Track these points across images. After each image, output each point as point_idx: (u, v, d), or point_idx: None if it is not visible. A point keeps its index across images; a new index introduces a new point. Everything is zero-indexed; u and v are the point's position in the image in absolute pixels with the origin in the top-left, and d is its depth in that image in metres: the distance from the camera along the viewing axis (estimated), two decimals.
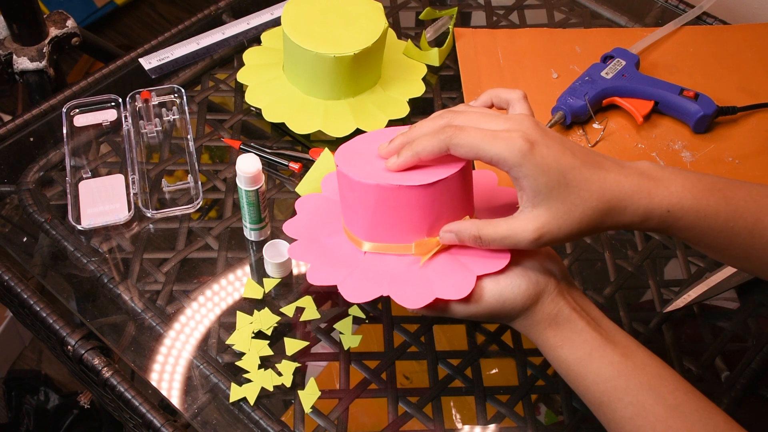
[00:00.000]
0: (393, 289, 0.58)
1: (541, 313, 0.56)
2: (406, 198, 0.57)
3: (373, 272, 0.59)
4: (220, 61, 0.91)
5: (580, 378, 0.56)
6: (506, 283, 0.56)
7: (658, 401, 0.53)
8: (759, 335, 0.72)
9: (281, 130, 0.83)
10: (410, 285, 0.58)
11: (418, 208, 0.57)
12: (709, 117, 0.84)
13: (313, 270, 0.60)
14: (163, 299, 0.71)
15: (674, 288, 0.74)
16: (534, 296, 0.56)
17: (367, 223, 0.59)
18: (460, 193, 0.58)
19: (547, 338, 0.57)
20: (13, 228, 0.75)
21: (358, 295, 0.58)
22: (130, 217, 0.75)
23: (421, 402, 0.66)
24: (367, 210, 0.58)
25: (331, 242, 0.63)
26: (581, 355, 0.55)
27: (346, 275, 0.59)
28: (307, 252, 0.62)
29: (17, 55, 1.04)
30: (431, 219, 0.58)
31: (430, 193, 0.56)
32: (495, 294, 0.56)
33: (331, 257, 0.61)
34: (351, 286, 0.58)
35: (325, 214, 0.66)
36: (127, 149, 0.80)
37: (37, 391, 1.41)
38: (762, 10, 1.12)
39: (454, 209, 0.58)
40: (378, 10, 0.82)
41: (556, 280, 0.57)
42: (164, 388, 0.65)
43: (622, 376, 0.54)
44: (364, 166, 0.59)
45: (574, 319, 0.56)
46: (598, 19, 0.99)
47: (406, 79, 0.87)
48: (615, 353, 0.55)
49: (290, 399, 0.65)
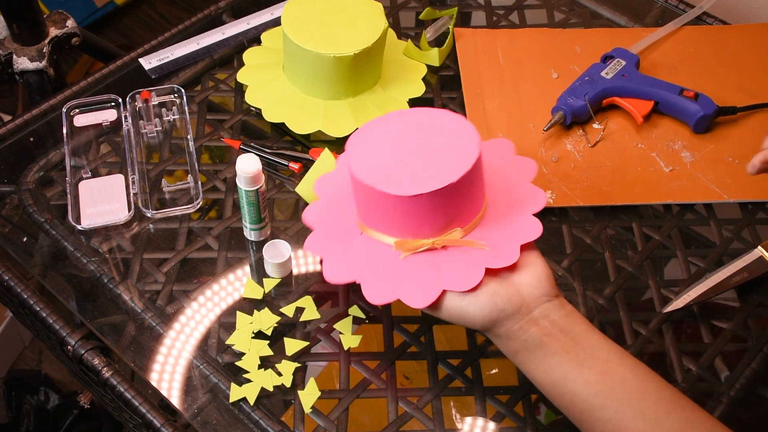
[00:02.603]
0: (365, 279, 0.61)
1: (507, 338, 0.58)
2: (402, 203, 0.58)
3: (388, 270, 0.62)
4: (220, 61, 0.91)
5: (559, 398, 0.57)
6: (470, 301, 0.58)
7: (637, 416, 0.53)
8: (759, 335, 0.72)
9: (281, 130, 0.83)
10: (418, 280, 0.60)
11: (421, 211, 0.59)
12: (709, 117, 0.84)
13: (312, 239, 0.65)
14: (163, 299, 0.71)
15: (674, 288, 0.74)
16: (494, 321, 0.58)
17: (365, 211, 0.62)
18: (456, 200, 0.60)
19: (521, 362, 0.58)
20: (13, 228, 0.75)
21: (337, 277, 0.62)
22: (130, 217, 0.75)
23: (421, 402, 0.66)
24: (364, 201, 0.61)
25: (341, 214, 0.66)
26: (556, 377, 0.56)
27: (336, 253, 0.63)
28: (322, 246, 0.64)
29: (17, 55, 1.04)
30: (424, 221, 0.60)
31: (424, 200, 0.58)
32: (457, 308, 0.58)
33: (333, 230, 0.65)
34: (334, 267, 0.62)
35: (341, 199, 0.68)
36: (127, 149, 0.80)
37: (37, 391, 1.41)
38: (762, 10, 1.12)
39: (452, 212, 0.60)
40: (378, 10, 0.82)
41: (525, 309, 0.57)
42: (164, 388, 0.65)
43: (599, 395, 0.55)
44: (375, 156, 0.61)
45: (546, 343, 0.56)
46: (598, 19, 0.99)
47: (406, 79, 0.87)
48: (592, 372, 0.55)
49: (290, 399, 0.65)
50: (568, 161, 0.82)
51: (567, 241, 0.77)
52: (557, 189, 0.79)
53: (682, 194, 0.80)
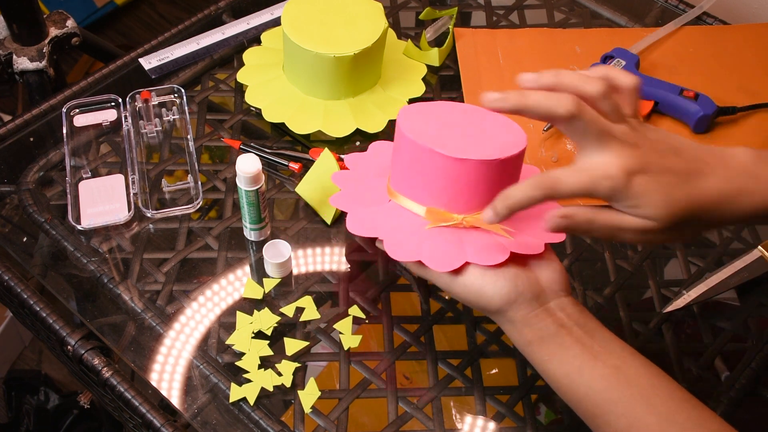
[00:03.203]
0: (390, 236, 0.61)
1: (522, 325, 0.58)
2: (453, 168, 0.59)
3: (407, 228, 0.62)
4: (220, 61, 0.91)
5: (571, 391, 0.57)
6: (490, 278, 0.58)
7: (650, 411, 0.53)
8: (759, 335, 0.72)
9: (281, 130, 0.83)
10: (441, 246, 0.60)
11: (465, 181, 0.60)
12: (709, 117, 0.84)
13: (338, 196, 0.65)
14: (163, 299, 0.71)
15: (674, 288, 0.74)
16: (512, 302, 0.57)
17: (403, 176, 0.62)
18: (499, 179, 0.60)
19: (534, 352, 0.58)
20: (13, 228, 0.75)
21: (361, 229, 0.61)
22: (130, 217, 0.75)
23: (421, 402, 0.66)
24: (406, 163, 0.61)
25: (371, 183, 0.66)
26: (570, 369, 0.56)
27: (362, 210, 0.63)
28: (348, 203, 0.65)
29: (17, 55, 1.04)
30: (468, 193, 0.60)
31: (485, 167, 0.58)
32: (476, 284, 0.58)
33: (362, 193, 0.65)
34: (358, 220, 0.62)
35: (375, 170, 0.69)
36: (127, 149, 0.80)
37: (37, 391, 1.41)
38: (762, 10, 1.12)
39: (491, 190, 0.60)
40: (378, 10, 0.82)
41: (543, 298, 0.58)
42: (164, 388, 0.65)
43: (613, 388, 0.55)
44: (426, 126, 0.61)
45: (561, 335, 0.56)
46: (598, 19, 0.99)
47: (406, 79, 0.87)
48: (606, 366, 0.55)
49: (290, 399, 0.65)
50: (568, 161, 0.82)
51: (567, 241, 0.77)
52: None
53: None
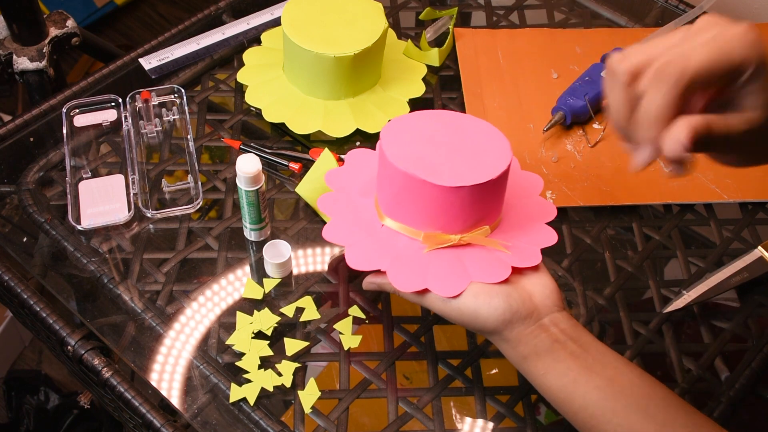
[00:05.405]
0: (392, 267, 0.61)
1: (517, 342, 0.58)
2: (434, 192, 0.59)
3: (384, 246, 0.62)
4: (220, 61, 0.91)
5: (567, 404, 0.57)
6: (484, 301, 0.58)
7: (647, 420, 0.54)
8: (759, 335, 0.72)
9: (281, 130, 0.83)
10: (444, 272, 0.60)
11: (445, 204, 0.59)
12: None
13: (330, 227, 0.64)
14: (163, 299, 0.71)
15: (674, 288, 0.74)
16: (507, 321, 0.58)
17: (393, 202, 0.62)
18: (487, 199, 0.60)
19: (529, 368, 0.58)
20: (13, 228, 0.75)
21: (362, 263, 0.61)
22: (130, 217, 0.75)
23: (421, 402, 0.66)
24: (396, 190, 0.61)
25: (358, 204, 0.66)
26: (566, 382, 0.56)
27: (358, 241, 0.62)
28: (342, 234, 0.64)
29: (17, 55, 1.04)
30: (449, 216, 0.60)
31: (458, 194, 0.58)
32: (470, 308, 0.58)
33: (353, 220, 0.64)
34: (357, 254, 0.61)
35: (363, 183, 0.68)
36: (127, 149, 0.80)
37: (37, 391, 1.41)
38: (762, 10, 1.12)
39: (480, 212, 0.61)
40: (378, 10, 0.82)
41: (537, 315, 0.58)
42: (164, 388, 0.65)
43: (609, 399, 0.55)
44: (409, 148, 0.61)
45: (556, 349, 0.57)
46: (598, 19, 0.99)
47: (406, 79, 0.87)
48: (601, 377, 0.56)
49: (290, 399, 0.65)
50: (568, 161, 0.82)
51: (567, 241, 0.77)
52: (557, 189, 0.79)
53: (682, 194, 0.80)
